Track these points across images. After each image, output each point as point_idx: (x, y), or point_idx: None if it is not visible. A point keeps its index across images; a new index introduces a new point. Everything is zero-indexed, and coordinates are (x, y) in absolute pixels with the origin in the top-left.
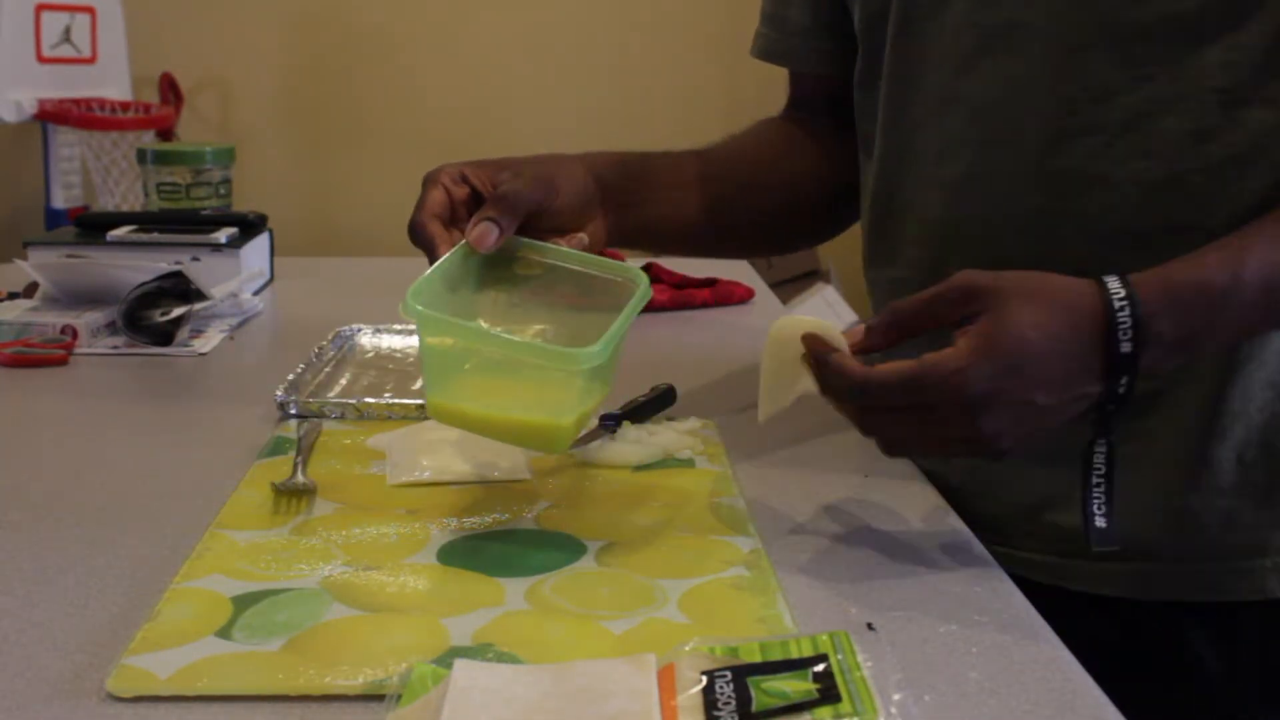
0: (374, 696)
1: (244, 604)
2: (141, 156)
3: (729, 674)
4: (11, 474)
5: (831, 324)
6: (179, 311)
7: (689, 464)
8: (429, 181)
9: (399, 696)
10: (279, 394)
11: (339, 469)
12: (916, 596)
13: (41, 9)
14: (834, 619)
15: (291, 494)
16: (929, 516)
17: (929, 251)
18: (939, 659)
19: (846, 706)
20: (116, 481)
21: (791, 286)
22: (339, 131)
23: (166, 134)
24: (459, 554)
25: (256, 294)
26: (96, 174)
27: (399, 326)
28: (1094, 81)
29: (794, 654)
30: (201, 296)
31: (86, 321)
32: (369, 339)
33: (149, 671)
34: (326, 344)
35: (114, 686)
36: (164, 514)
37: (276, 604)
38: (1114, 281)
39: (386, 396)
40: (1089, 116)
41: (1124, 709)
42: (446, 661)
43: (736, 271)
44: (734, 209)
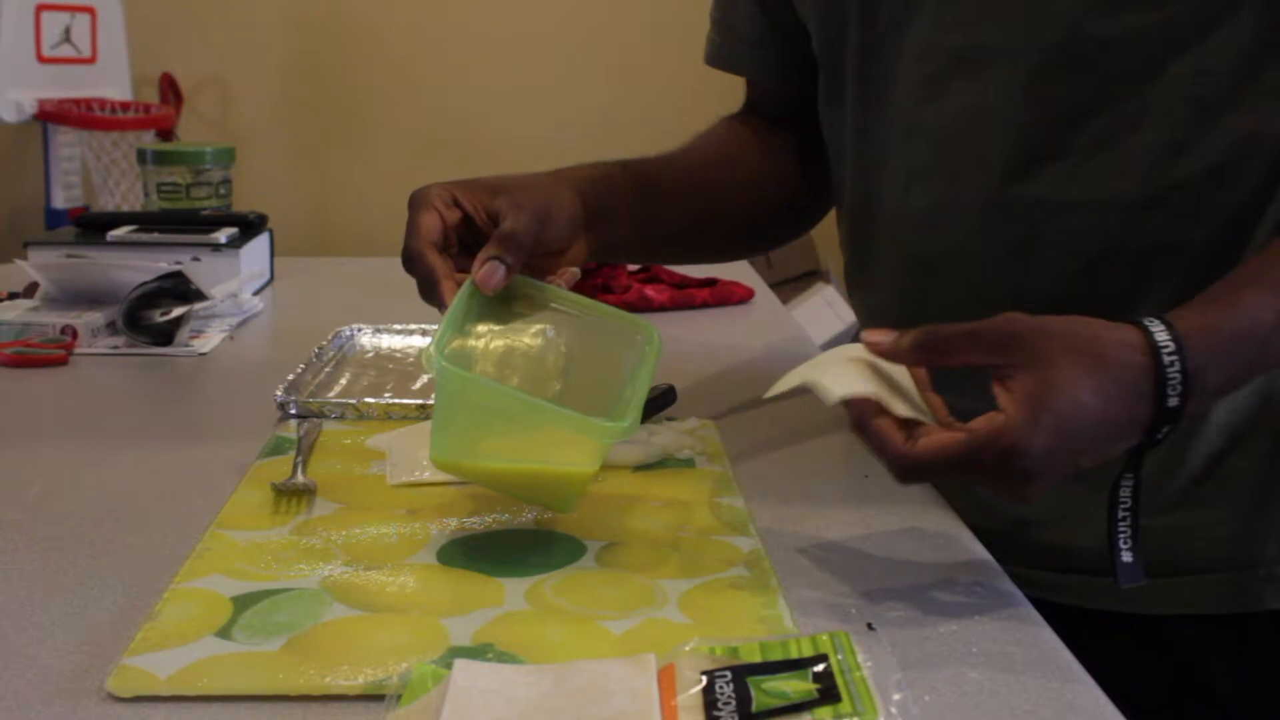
0: (374, 696)
1: (244, 604)
2: (141, 156)
3: (729, 674)
4: (11, 474)
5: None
6: (179, 311)
7: (689, 464)
8: (419, 204)
9: (399, 696)
10: (279, 394)
11: (339, 469)
12: (916, 596)
13: (41, 9)
14: (834, 619)
15: (291, 494)
16: (929, 517)
17: (909, 282)
18: (939, 659)
19: (846, 706)
20: (116, 481)
21: (792, 286)
22: (339, 131)
23: (166, 134)
24: (459, 554)
25: (256, 294)
26: (96, 174)
27: (399, 326)
28: (1062, 102)
29: (794, 654)
30: (201, 296)
31: (86, 321)
32: (369, 339)
33: (149, 671)
34: (326, 344)
35: (114, 686)
36: (164, 514)
37: (276, 604)
38: (1160, 332)
39: (386, 396)
40: (1058, 139)
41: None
42: (446, 661)
43: (736, 271)
44: (699, 216)
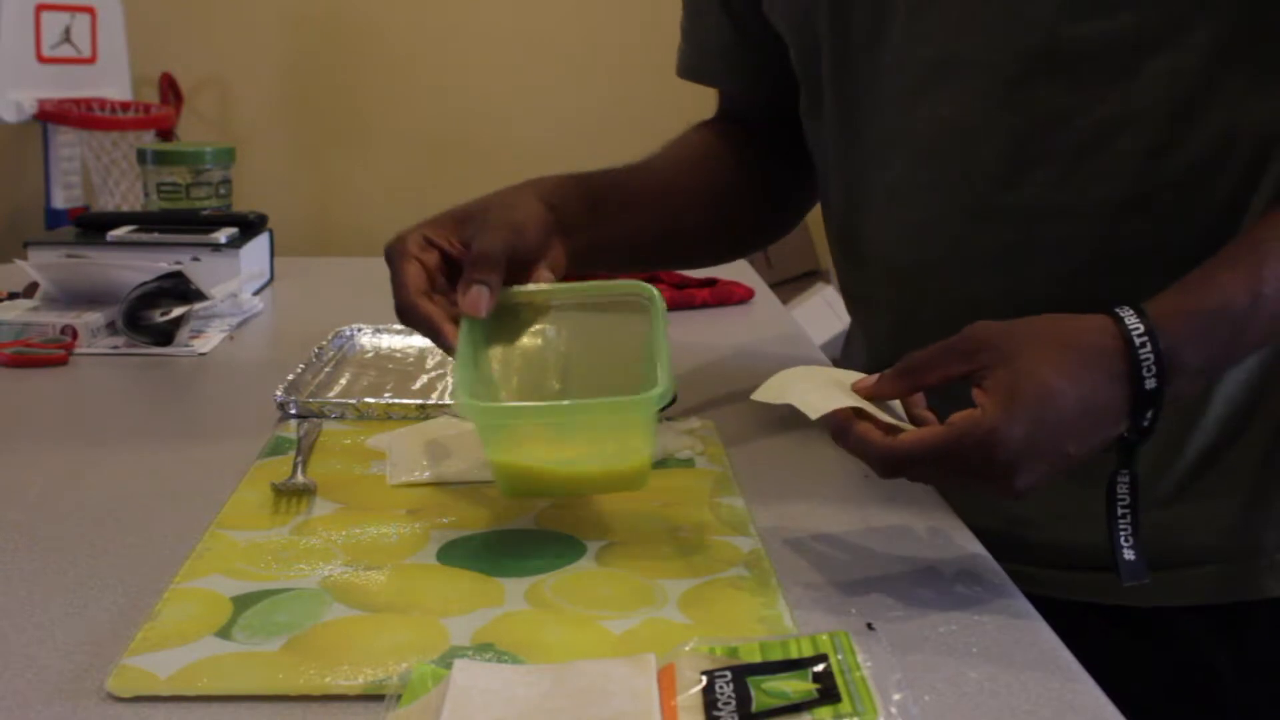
0: (374, 696)
1: (244, 604)
2: (141, 156)
3: (729, 674)
4: (11, 474)
5: (841, 377)
6: (179, 311)
7: (689, 464)
8: (398, 255)
9: (399, 696)
10: (279, 394)
11: (339, 469)
12: (916, 596)
13: (41, 9)
14: (834, 619)
15: (291, 494)
16: (929, 516)
17: (899, 293)
18: (939, 659)
19: (846, 706)
20: (116, 481)
21: (791, 286)
22: (339, 131)
23: (166, 134)
24: (459, 554)
25: (256, 294)
26: (96, 174)
27: (399, 326)
28: (1041, 110)
29: (794, 654)
30: (201, 296)
31: (86, 321)
32: (369, 339)
33: (149, 671)
34: (326, 344)
35: (114, 686)
36: (164, 514)
37: (276, 604)
38: (1130, 316)
39: (386, 396)
40: (1040, 146)
41: (1132, 715)
42: (446, 661)
43: (736, 272)
44: (663, 225)
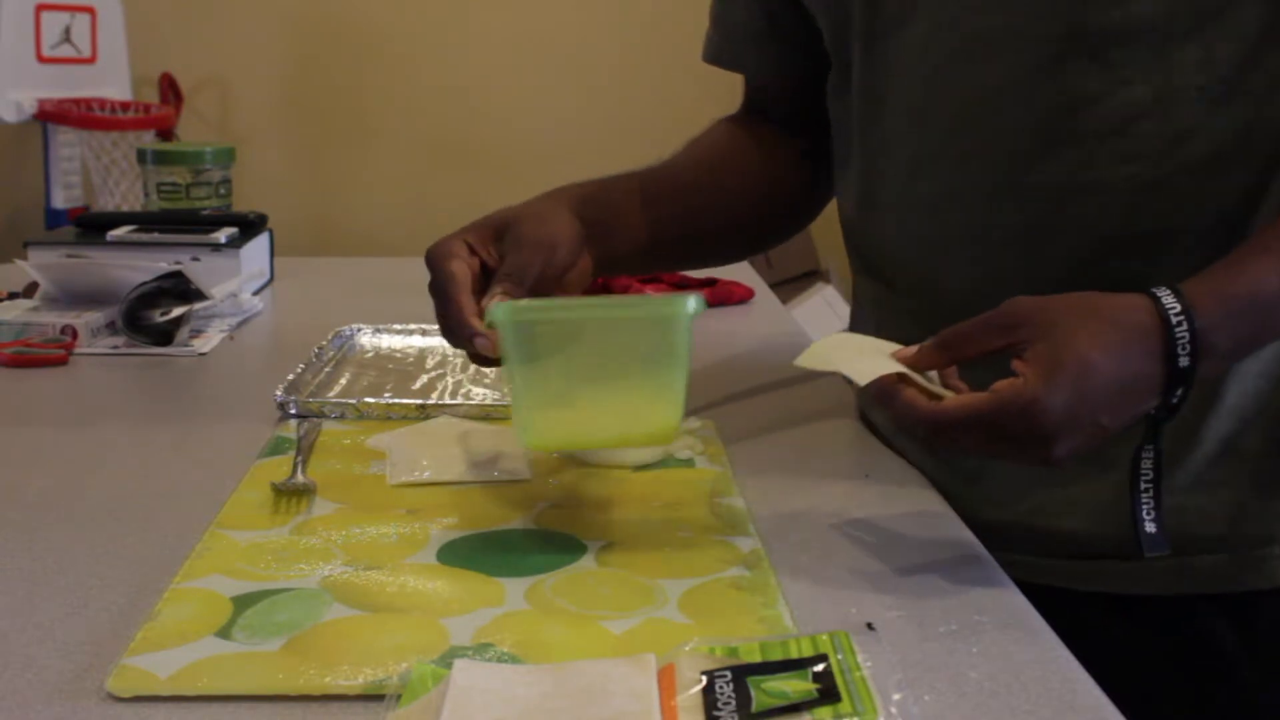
0: (374, 696)
1: (244, 604)
2: (141, 156)
3: (729, 674)
4: (11, 474)
5: (881, 346)
6: (179, 311)
7: (689, 464)
8: (444, 257)
9: (399, 696)
10: (279, 394)
11: (339, 469)
12: (916, 596)
13: (41, 9)
14: (834, 619)
15: (291, 494)
16: (929, 516)
17: (916, 271)
18: (939, 659)
19: (846, 706)
20: (116, 481)
21: (791, 286)
22: (339, 131)
23: (166, 134)
24: (459, 554)
25: (256, 294)
26: (96, 174)
27: (399, 326)
28: (1071, 89)
29: (794, 654)
30: (201, 296)
31: (86, 321)
32: (369, 339)
33: (149, 671)
34: (326, 344)
35: (114, 686)
36: (164, 514)
37: (276, 604)
38: (1167, 296)
39: (386, 396)
40: (1069, 126)
41: (1145, 703)
42: (446, 661)
43: (736, 272)
44: (690, 224)
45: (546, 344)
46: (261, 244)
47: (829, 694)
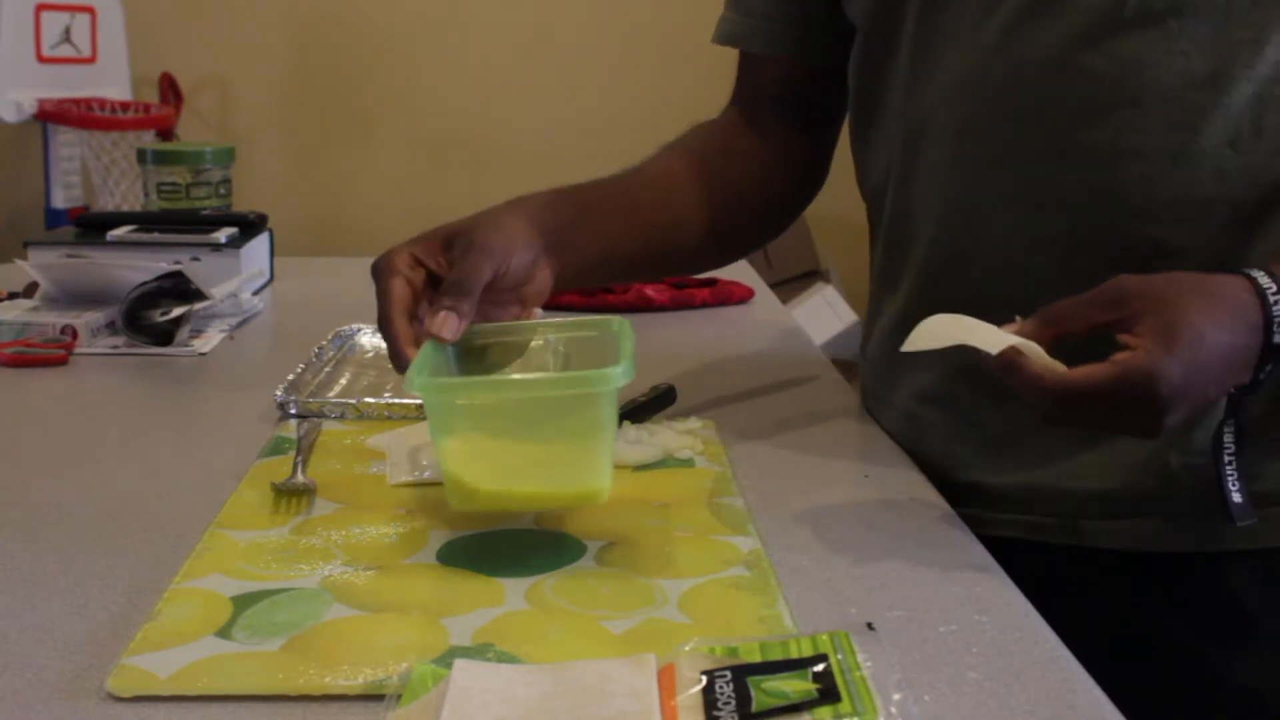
0: (374, 696)
1: (244, 604)
2: (141, 156)
3: (729, 674)
4: (11, 474)
5: (996, 329)
6: (179, 311)
7: (689, 464)
8: (385, 272)
9: (399, 696)
10: (279, 394)
11: (339, 469)
12: (916, 596)
13: (41, 9)
14: (834, 619)
15: (291, 494)
16: (929, 516)
17: (952, 240)
18: (939, 659)
19: (846, 706)
20: (116, 481)
21: (791, 286)
22: (339, 131)
23: (166, 134)
24: (459, 554)
25: (256, 294)
26: (96, 174)
27: None
28: (1131, 55)
29: (794, 654)
30: (201, 296)
31: (86, 321)
32: (369, 339)
33: (149, 671)
34: (326, 344)
35: (114, 686)
36: (164, 514)
37: (276, 604)
38: (1262, 276)
39: (386, 396)
40: (1125, 89)
41: (1162, 657)
42: (446, 661)
43: (736, 271)
44: (672, 232)
45: (466, 418)
46: (261, 244)
47: (829, 694)
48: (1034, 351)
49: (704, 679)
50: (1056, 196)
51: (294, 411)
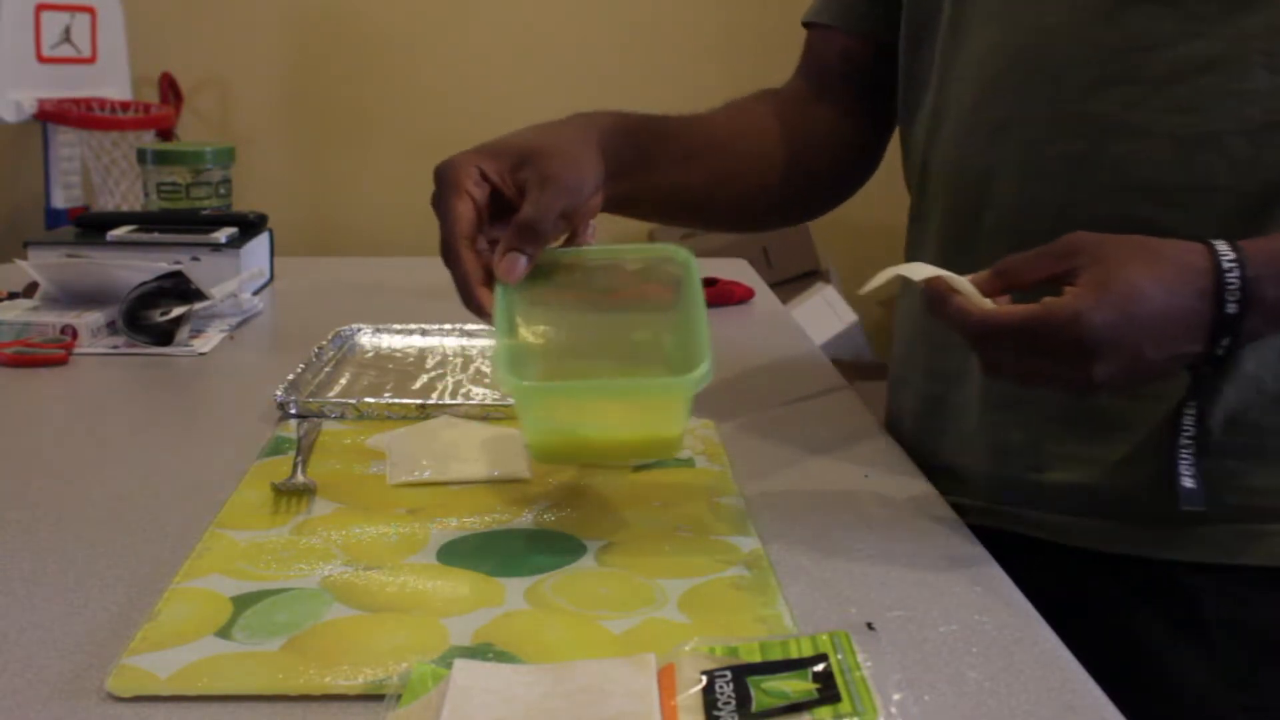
0: (374, 696)
1: (244, 604)
2: (141, 156)
3: (729, 674)
4: (11, 474)
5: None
6: (179, 311)
7: (689, 464)
8: (450, 186)
9: (399, 696)
10: (279, 394)
11: (339, 469)
12: (916, 596)
13: (41, 9)
14: (834, 619)
15: (291, 494)
16: (929, 516)
17: (960, 198)
18: (939, 659)
19: (846, 706)
20: (116, 481)
21: (791, 286)
22: (339, 131)
23: (166, 134)
24: (459, 554)
25: (256, 294)
26: (96, 174)
27: (399, 326)
28: (1139, 30)
29: (794, 654)
30: (201, 296)
31: (86, 321)
32: (369, 339)
33: (149, 671)
34: (326, 344)
35: (114, 686)
36: (164, 514)
37: (276, 604)
38: (1222, 245)
39: (386, 396)
40: (1132, 65)
41: (1128, 667)
42: (446, 661)
43: (736, 271)
44: (732, 175)
45: (550, 405)
46: (261, 244)
47: (829, 694)
48: (965, 288)
49: (704, 679)
50: (1049, 168)
51: (294, 411)
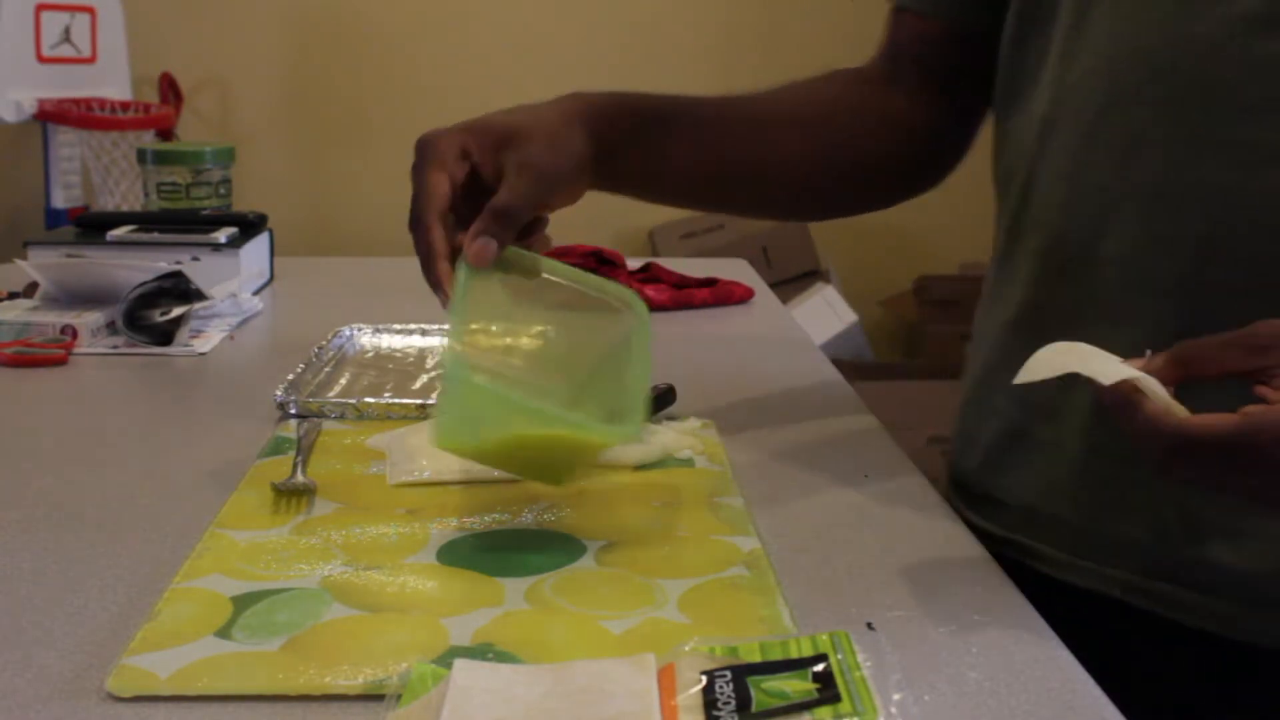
0: (374, 696)
1: (244, 604)
2: (141, 156)
3: (729, 674)
4: (11, 474)
5: (1112, 356)
6: (179, 311)
7: (689, 464)
8: (430, 159)
9: (399, 696)
10: (279, 394)
11: (339, 469)
12: (916, 596)
13: (41, 9)
14: (834, 619)
15: (291, 494)
16: (929, 516)
17: (1073, 220)
18: (939, 659)
19: (846, 706)
20: (116, 481)
21: (791, 286)
22: (339, 131)
23: (166, 134)
24: (459, 554)
25: (256, 294)
26: (96, 174)
27: (399, 326)
28: None
29: (794, 654)
30: (201, 296)
31: (86, 321)
32: (369, 339)
33: (149, 671)
34: (326, 344)
35: (114, 686)
36: (164, 514)
37: (276, 604)
38: None
39: (386, 396)
40: None
41: None
42: (446, 661)
43: (736, 271)
44: (765, 162)
45: (482, 403)
46: (261, 244)
47: (829, 694)
48: (1154, 390)
49: (704, 679)
50: (1190, 196)
51: (294, 411)
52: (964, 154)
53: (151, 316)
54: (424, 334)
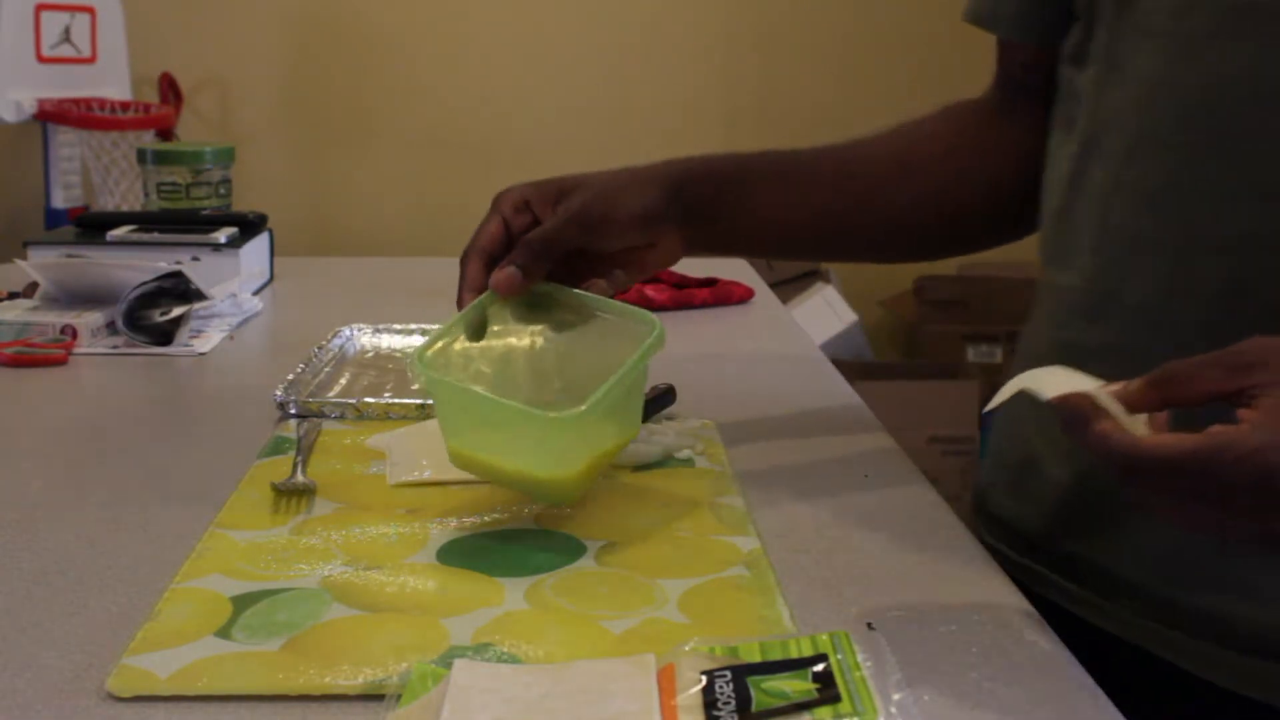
0: (374, 696)
1: (244, 604)
2: (141, 156)
3: (729, 674)
4: (11, 474)
5: (1087, 379)
6: (179, 311)
7: (689, 464)
8: (493, 207)
9: (399, 696)
10: (279, 394)
11: (339, 469)
12: (916, 596)
13: (41, 9)
14: (834, 619)
15: (291, 494)
16: (929, 516)
17: (1104, 260)
18: (939, 659)
19: (846, 706)
20: (116, 481)
21: (791, 286)
22: (339, 131)
23: (166, 134)
24: (459, 554)
25: (256, 294)
26: (96, 174)
27: (399, 326)
28: None
29: (794, 654)
30: (201, 296)
31: (86, 321)
32: (369, 339)
33: (149, 671)
34: (326, 344)
35: (114, 686)
36: (164, 514)
37: (276, 604)
38: None
39: (386, 396)
40: None
41: None
42: (446, 661)
43: (736, 271)
44: (844, 217)
45: (440, 399)
46: (261, 244)
47: (829, 694)
48: (1113, 410)
49: (704, 679)
50: (1214, 244)
51: (294, 411)
52: None
53: (151, 316)
54: (424, 334)
